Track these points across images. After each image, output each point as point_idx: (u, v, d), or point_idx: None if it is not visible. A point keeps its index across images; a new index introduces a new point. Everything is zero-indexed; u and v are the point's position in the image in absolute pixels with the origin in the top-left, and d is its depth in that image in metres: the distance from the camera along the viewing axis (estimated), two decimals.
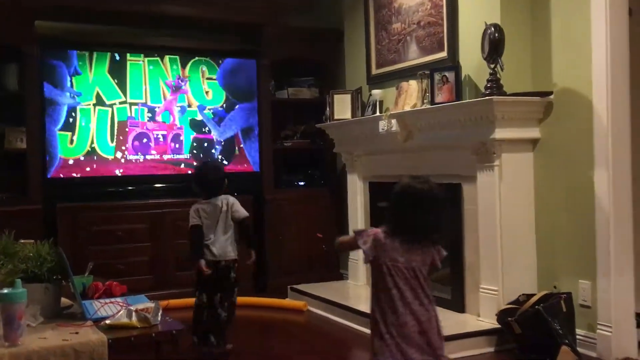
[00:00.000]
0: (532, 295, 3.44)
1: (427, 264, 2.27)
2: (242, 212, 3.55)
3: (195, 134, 5.18)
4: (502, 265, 3.57)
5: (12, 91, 4.65)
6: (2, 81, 4.64)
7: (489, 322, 3.56)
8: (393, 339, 2.19)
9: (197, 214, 3.46)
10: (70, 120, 4.79)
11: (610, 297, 3.25)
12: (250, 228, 3.67)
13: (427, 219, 2.26)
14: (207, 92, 5.24)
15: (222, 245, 3.46)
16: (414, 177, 2.35)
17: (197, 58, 5.19)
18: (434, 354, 2.22)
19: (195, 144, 5.18)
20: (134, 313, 2.18)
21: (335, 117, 4.90)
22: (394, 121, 4.18)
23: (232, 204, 3.53)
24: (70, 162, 4.80)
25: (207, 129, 5.22)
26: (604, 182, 3.26)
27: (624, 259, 3.28)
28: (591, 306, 3.34)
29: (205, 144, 5.22)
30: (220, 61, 5.26)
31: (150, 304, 2.30)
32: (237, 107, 5.31)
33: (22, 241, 2.49)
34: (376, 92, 4.61)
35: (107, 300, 2.43)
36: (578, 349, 3.29)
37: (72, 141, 4.81)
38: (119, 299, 2.46)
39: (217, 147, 5.25)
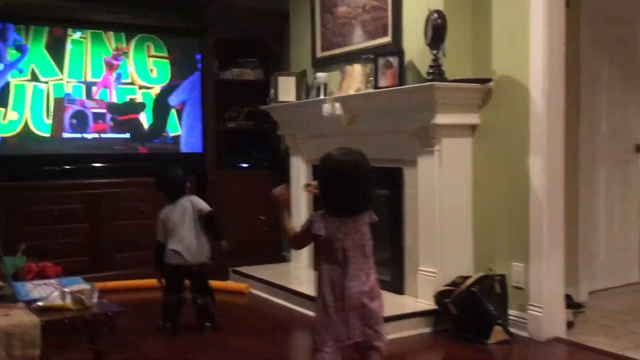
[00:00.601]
0: (468, 277, 3.53)
1: (366, 231, 2.33)
2: (206, 206, 3.62)
3: (134, 114, 5.07)
4: (441, 248, 3.65)
5: None
6: None
7: (427, 303, 3.64)
8: (339, 312, 2.25)
9: (163, 225, 3.54)
10: (4, 96, 4.62)
11: (541, 279, 3.37)
12: (216, 220, 3.68)
13: (356, 190, 2.29)
14: (151, 70, 5.13)
15: (194, 249, 3.53)
16: (337, 150, 2.35)
17: (142, 35, 5.07)
18: (373, 329, 2.31)
19: (133, 124, 5.08)
20: (68, 295, 2.14)
21: (280, 99, 4.88)
22: (337, 105, 4.19)
23: (196, 202, 3.60)
24: (1, 139, 4.64)
25: (146, 108, 5.12)
26: (539, 168, 3.36)
27: (555, 243, 3.41)
28: (524, 288, 3.46)
29: (143, 124, 5.12)
30: (167, 39, 5.16)
31: (86, 286, 2.26)
32: (180, 86, 5.23)
33: None
34: (321, 75, 4.61)
35: (41, 282, 2.37)
36: (510, 328, 3.41)
37: (5, 117, 4.64)
38: (53, 281, 2.41)
39: (152, 127, 5.16)
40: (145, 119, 5.14)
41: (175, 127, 5.24)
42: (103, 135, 4.98)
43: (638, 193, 4.64)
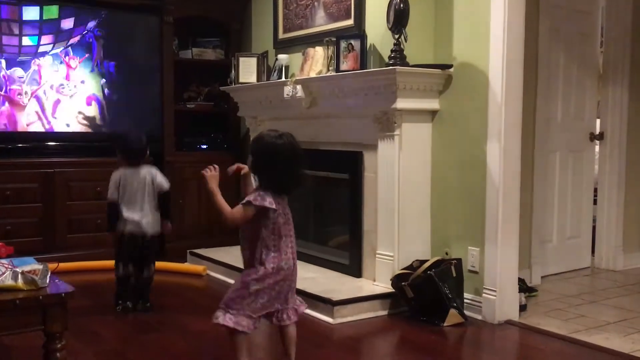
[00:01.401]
0: (425, 261, 3.59)
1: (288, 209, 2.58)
2: (165, 184, 3.60)
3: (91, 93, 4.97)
4: (398, 232, 3.69)
5: None
6: None
7: (384, 286, 3.68)
8: (278, 282, 2.51)
9: (116, 185, 3.49)
10: None
11: (496, 263, 3.44)
12: (170, 200, 3.72)
13: (292, 171, 2.51)
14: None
15: (149, 219, 3.51)
16: (269, 132, 2.57)
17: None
18: (297, 297, 2.65)
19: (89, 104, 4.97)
20: (19, 275, 2.09)
21: (241, 80, 4.83)
22: (299, 87, 4.17)
23: (155, 175, 3.56)
24: None
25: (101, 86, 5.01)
26: (496, 155, 3.42)
27: (510, 228, 3.48)
28: (479, 272, 3.53)
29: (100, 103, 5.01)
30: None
31: (38, 266, 2.21)
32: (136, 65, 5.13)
33: None
34: (282, 57, 4.57)
35: None
36: (465, 311, 3.48)
37: None
38: (4, 261, 2.34)
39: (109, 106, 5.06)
40: None
41: None
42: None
43: (591, 181, 4.77)
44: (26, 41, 4.71)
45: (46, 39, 4.78)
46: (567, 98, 4.52)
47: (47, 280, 2.14)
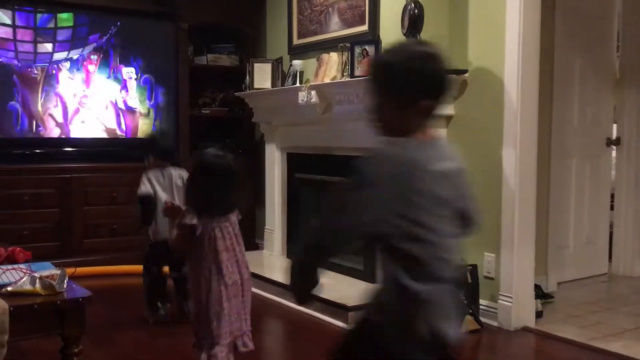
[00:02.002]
0: None
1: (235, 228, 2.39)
2: None
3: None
4: None
5: None
6: None
7: None
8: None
9: (149, 181, 3.43)
10: None
11: (512, 269, 3.42)
12: None
13: (222, 195, 2.33)
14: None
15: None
16: (211, 151, 2.44)
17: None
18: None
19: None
20: (38, 280, 2.11)
21: (255, 86, 4.86)
22: (313, 92, 4.18)
23: (185, 177, 3.44)
24: None
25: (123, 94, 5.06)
26: (512, 160, 3.40)
27: (526, 234, 3.46)
28: (494, 278, 3.51)
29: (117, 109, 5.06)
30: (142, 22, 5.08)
31: (56, 271, 2.23)
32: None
33: None
34: (297, 63, 4.59)
35: (10, 267, 2.33)
36: (481, 318, 3.46)
37: None
38: (22, 266, 2.37)
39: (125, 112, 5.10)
40: None
41: None
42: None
43: (608, 186, 4.73)
44: (42, 48, 4.76)
45: (62, 46, 4.83)
46: (583, 103, 4.48)
47: (65, 285, 2.16)
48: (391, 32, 3.81)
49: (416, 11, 3.51)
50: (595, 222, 4.63)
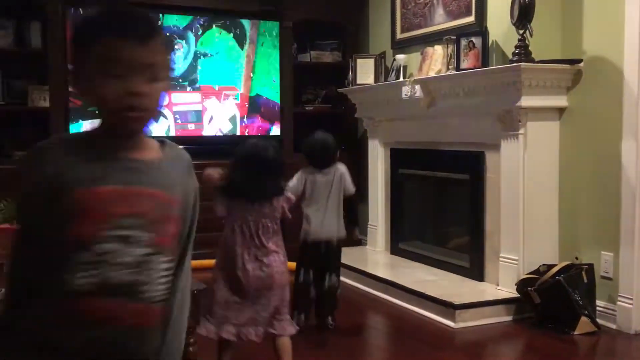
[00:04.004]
0: (553, 265, 3.41)
1: (274, 218, 2.51)
2: (351, 187, 3.32)
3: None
4: (523, 235, 3.54)
5: (35, 49, 4.64)
6: (26, 39, 4.63)
7: (508, 291, 3.54)
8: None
9: (302, 182, 3.21)
10: None
11: (632, 269, 3.21)
12: (353, 204, 3.49)
13: (258, 182, 2.47)
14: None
15: (334, 222, 3.23)
16: (251, 140, 2.58)
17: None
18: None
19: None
20: None
21: (358, 81, 4.84)
22: (417, 87, 4.11)
23: (342, 175, 3.28)
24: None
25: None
26: (632, 153, 3.19)
27: None
28: (612, 278, 3.31)
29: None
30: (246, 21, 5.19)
31: None
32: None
33: None
34: (400, 57, 4.53)
35: None
36: (597, 320, 3.27)
37: None
38: None
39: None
40: None
41: None
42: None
43: None
44: None
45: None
46: None
47: None
48: (499, 22, 3.68)
49: (527, 0, 3.36)
50: None
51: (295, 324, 2.65)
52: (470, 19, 3.92)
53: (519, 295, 3.44)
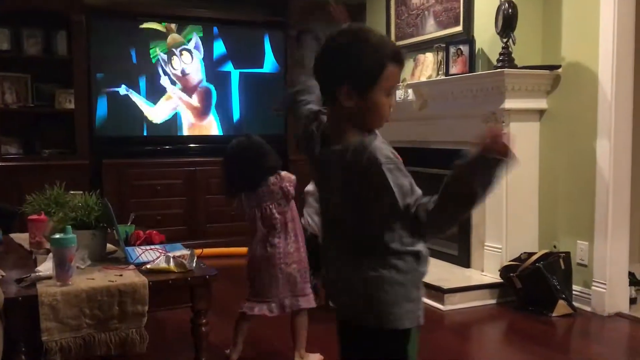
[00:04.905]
0: (533, 253, 3.42)
1: (275, 199, 2.50)
2: None
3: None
4: (506, 226, 3.54)
5: (61, 56, 4.65)
6: (53, 47, 4.64)
7: (492, 277, 3.55)
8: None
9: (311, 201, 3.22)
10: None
11: (606, 257, 3.22)
12: None
13: (239, 171, 2.49)
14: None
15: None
16: (232, 142, 2.57)
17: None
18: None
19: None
20: (171, 259, 2.20)
21: None
22: (410, 91, 4.12)
23: None
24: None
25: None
26: (606, 151, 3.20)
27: (621, 223, 3.24)
28: (587, 265, 3.32)
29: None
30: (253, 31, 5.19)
31: (186, 251, 2.31)
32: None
33: (72, 192, 2.51)
34: None
35: (148, 247, 2.45)
36: (574, 303, 3.28)
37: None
38: (158, 246, 2.48)
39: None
40: None
41: None
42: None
43: None
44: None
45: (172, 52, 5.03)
46: None
47: (194, 264, 2.24)
48: (485, 32, 3.68)
49: (510, 10, 3.36)
50: None
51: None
52: (459, 28, 3.92)
53: (502, 281, 3.45)
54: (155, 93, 4.95)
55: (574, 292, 3.34)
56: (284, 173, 2.56)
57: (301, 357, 2.57)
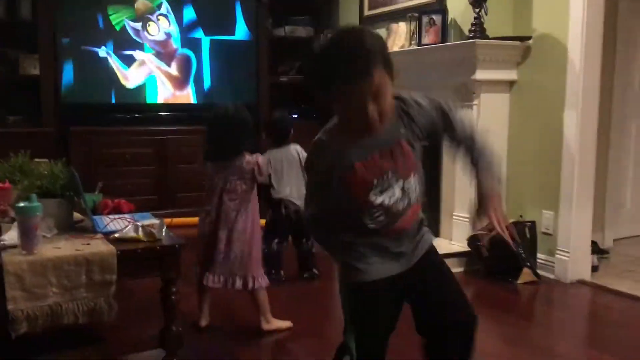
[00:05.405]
0: None
1: (244, 177, 2.51)
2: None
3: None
4: (475, 195, 3.58)
5: (25, 20, 4.49)
6: (17, 10, 4.48)
7: (460, 245, 3.62)
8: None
9: (270, 163, 3.23)
10: None
11: (570, 226, 3.30)
12: None
13: (223, 139, 2.48)
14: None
15: (301, 193, 3.17)
16: (218, 105, 2.55)
17: None
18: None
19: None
20: (140, 228, 2.17)
21: None
22: None
23: (303, 154, 3.28)
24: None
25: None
26: (573, 123, 3.24)
27: (585, 194, 3.31)
28: (552, 234, 3.39)
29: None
30: None
31: (155, 221, 2.29)
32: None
33: (37, 160, 2.46)
34: None
35: (116, 216, 2.42)
36: (538, 271, 3.36)
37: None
38: (126, 216, 2.45)
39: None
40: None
41: None
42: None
43: None
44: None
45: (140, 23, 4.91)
46: None
47: (163, 233, 2.22)
48: (458, 1, 3.68)
49: None
50: None
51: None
52: None
53: (469, 249, 3.51)
54: (124, 60, 4.83)
55: (538, 260, 3.42)
56: (260, 158, 2.55)
57: (267, 321, 2.60)
